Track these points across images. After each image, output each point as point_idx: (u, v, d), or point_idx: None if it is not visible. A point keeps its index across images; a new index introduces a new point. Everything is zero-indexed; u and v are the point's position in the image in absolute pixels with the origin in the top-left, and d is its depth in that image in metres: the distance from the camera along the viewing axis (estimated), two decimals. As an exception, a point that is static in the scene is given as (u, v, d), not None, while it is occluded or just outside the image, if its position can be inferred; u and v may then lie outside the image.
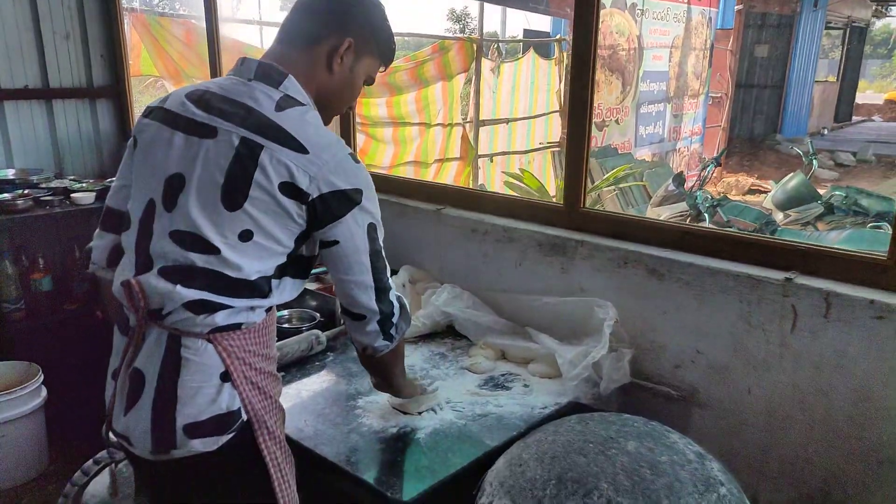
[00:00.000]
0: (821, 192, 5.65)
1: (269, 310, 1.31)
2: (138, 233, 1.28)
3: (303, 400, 1.77)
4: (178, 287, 1.20)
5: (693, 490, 1.17)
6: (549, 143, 7.02)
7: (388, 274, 1.36)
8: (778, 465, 1.73)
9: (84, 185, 3.28)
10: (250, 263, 1.22)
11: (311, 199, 1.20)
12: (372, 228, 1.29)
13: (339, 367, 1.95)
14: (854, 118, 18.62)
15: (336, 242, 1.26)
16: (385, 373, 1.57)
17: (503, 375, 1.94)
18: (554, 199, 5.53)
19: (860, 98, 20.02)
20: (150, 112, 1.34)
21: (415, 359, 2.01)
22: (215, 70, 3.26)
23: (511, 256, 2.18)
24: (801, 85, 13.86)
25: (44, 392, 2.83)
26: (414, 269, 2.38)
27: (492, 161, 6.55)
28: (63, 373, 2.97)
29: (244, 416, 1.25)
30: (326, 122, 1.38)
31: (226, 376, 1.23)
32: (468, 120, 6.33)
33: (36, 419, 2.81)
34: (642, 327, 1.92)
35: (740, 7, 10.80)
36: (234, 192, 1.19)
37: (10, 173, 3.30)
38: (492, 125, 6.59)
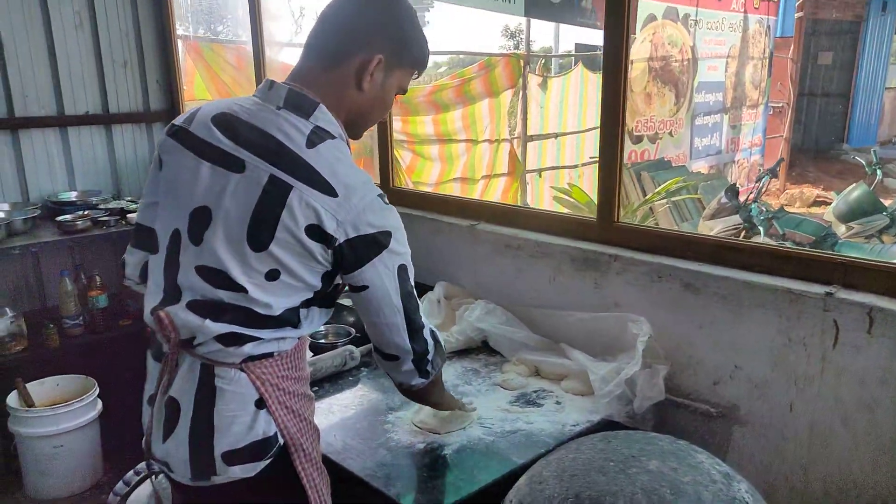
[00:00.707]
0: (888, 203, 5.40)
1: (299, 336, 1.31)
2: (165, 261, 1.27)
3: (334, 415, 1.79)
4: (208, 321, 1.20)
5: (716, 511, 1.13)
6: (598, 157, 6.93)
7: (421, 312, 1.33)
8: (822, 486, 1.66)
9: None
10: (277, 301, 1.20)
11: (337, 243, 1.17)
12: (402, 270, 1.26)
13: (373, 383, 1.97)
14: (929, 125, 17.71)
15: (365, 287, 1.23)
16: (425, 400, 1.59)
17: (535, 392, 1.92)
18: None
19: (935, 104, 19.01)
20: (175, 132, 1.30)
21: (448, 375, 2.01)
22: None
23: (545, 271, 2.16)
24: (870, 92, 13.28)
25: (99, 404, 2.95)
26: (449, 284, 2.39)
27: (540, 176, 6.52)
28: (118, 386, 3.08)
29: (281, 441, 1.26)
30: (357, 137, 1.36)
31: (261, 403, 1.23)
32: (516, 135, 6.32)
33: (92, 430, 2.93)
34: (678, 342, 1.87)
35: (800, 14, 10.47)
36: (261, 233, 1.17)
37: (72, 195, 3.48)
38: (540, 140, 6.55)
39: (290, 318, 1.24)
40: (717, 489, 1.18)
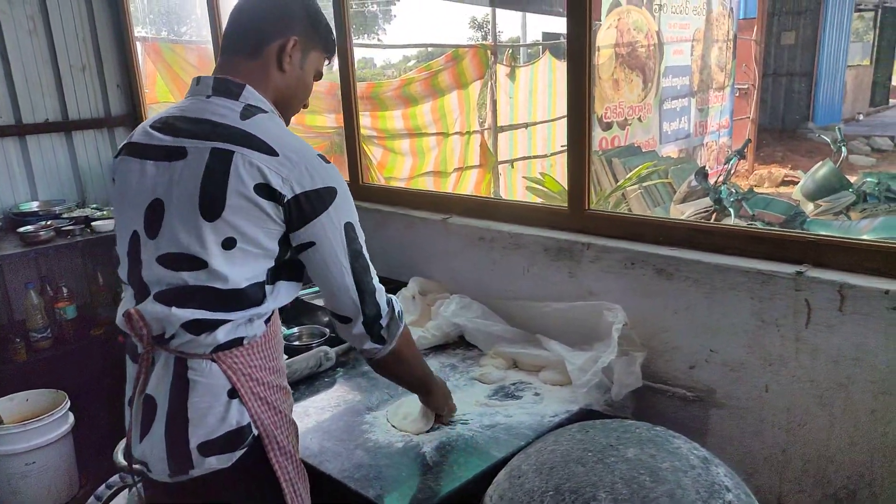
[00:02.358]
0: (854, 179, 5.48)
1: (268, 321, 1.32)
2: (129, 265, 1.29)
3: (310, 417, 1.76)
4: (174, 309, 1.21)
5: (696, 497, 1.13)
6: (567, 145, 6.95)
7: (373, 276, 1.34)
8: (801, 465, 1.67)
9: (105, 212, 3.35)
10: (238, 272, 1.22)
11: (286, 199, 1.20)
12: (350, 228, 1.28)
13: (350, 384, 1.94)
14: (892, 101, 18.05)
15: (312, 244, 1.25)
16: (398, 377, 1.54)
17: (514, 384, 1.91)
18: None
19: (897, 80, 19.36)
20: (119, 151, 1.36)
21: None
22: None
23: (519, 263, 2.15)
24: (833, 71, 13.49)
25: (71, 418, 2.88)
26: (423, 280, 2.37)
27: (512, 167, 6.51)
28: (90, 398, 3.03)
29: (255, 431, 1.27)
30: (286, 122, 1.40)
31: (233, 393, 1.24)
32: (486, 127, 6.31)
33: (64, 445, 2.86)
34: (654, 328, 1.87)
35: (763, -5, 10.58)
36: (212, 202, 1.19)
37: (34, 205, 3.39)
38: (511, 131, 6.55)
39: (254, 295, 1.25)
40: (696, 474, 1.18)
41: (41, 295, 3.08)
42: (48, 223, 3.14)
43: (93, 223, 3.18)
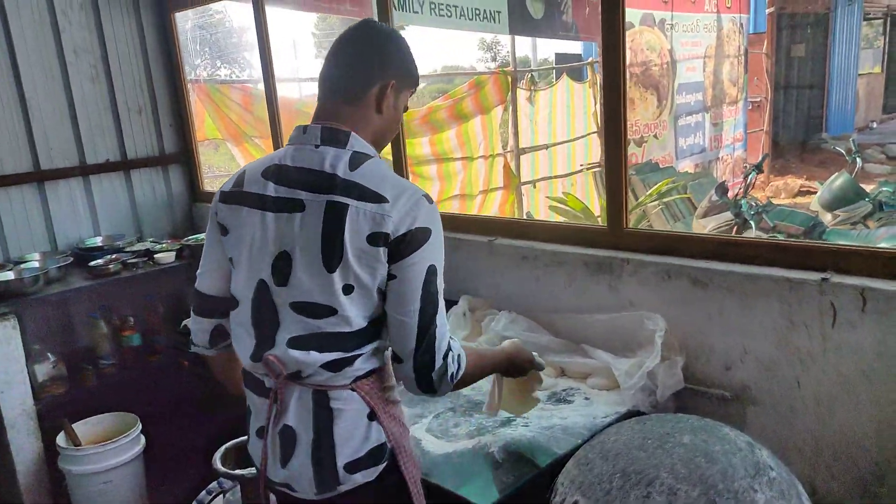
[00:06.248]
0: (870, 188, 5.61)
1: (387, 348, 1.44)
2: (254, 309, 1.40)
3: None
4: (312, 353, 1.34)
5: (745, 474, 1.31)
6: (589, 164, 7.16)
7: (439, 325, 1.35)
8: (831, 452, 1.83)
9: (164, 245, 3.58)
10: (357, 313, 1.33)
11: (391, 239, 1.29)
12: (431, 271, 1.33)
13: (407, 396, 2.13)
14: (904, 108, 18.07)
15: (394, 277, 1.32)
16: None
17: (564, 390, 2.09)
18: (599, 218, 5.66)
19: (908, 87, 19.40)
20: (227, 197, 1.44)
21: (481, 381, 2.17)
22: (275, 126, 3.52)
23: (561, 279, 2.34)
24: (844, 80, 13.62)
25: (142, 440, 3.08)
26: (472, 298, 2.56)
27: (535, 187, 6.73)
28: (155, 419, 3.23)
29: (389, 445, 1.41)
30: (378, 153, 1.49)
31: (372, 416, 1.38)
32: (509, 149, 6.53)
33: (137, 465, 3.06)
34: (691, 334, 2.05)
35: (771, 10, 10.79)
36: (332, 254, 1.30)
37: (97, 240, 3.63)
38: (532, 152, 6.77)
39: (374, 330, 1.37)
40: (744, 455, 1.35)
41: (108, 324, 3.31)
42: (114, 257, 3.37)
43: (155, 255, 3.41)
